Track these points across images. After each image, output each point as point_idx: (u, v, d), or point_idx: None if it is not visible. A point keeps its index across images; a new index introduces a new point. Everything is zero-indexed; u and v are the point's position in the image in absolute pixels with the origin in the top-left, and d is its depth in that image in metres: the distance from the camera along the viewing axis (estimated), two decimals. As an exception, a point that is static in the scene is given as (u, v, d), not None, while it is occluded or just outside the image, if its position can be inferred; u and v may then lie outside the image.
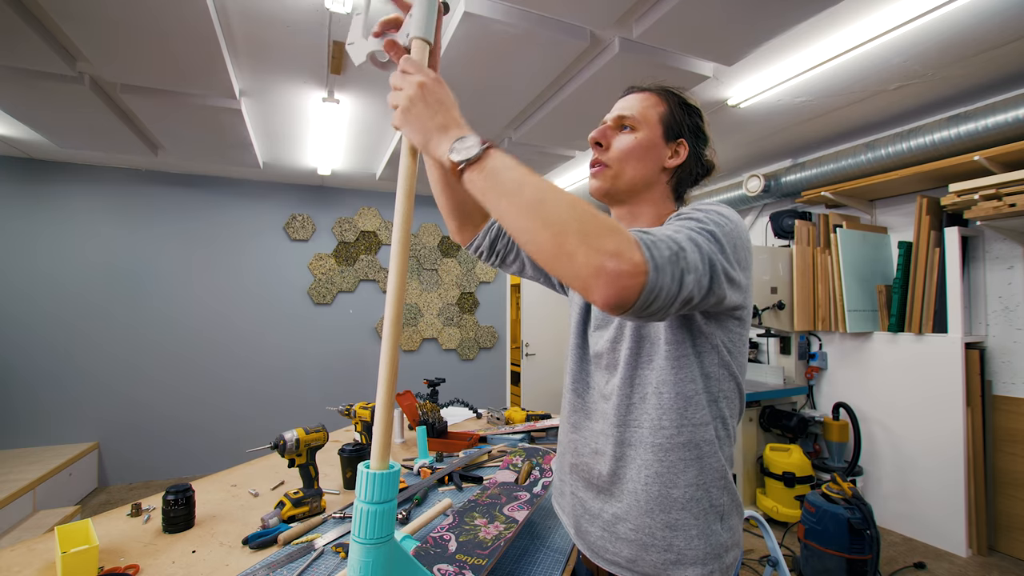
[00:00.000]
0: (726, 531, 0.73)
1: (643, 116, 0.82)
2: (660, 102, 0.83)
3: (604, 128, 0.83)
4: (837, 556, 2.12)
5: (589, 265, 0.50)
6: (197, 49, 1.98)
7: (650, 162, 0.81)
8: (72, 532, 0.95)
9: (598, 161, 0.83)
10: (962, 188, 2.43)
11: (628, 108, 0.83)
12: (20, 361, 3.61)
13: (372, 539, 0.53)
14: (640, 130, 0.81)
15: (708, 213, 0.66)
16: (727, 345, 0.73)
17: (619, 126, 0.83)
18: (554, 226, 0.52)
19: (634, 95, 0.85)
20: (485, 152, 0.57)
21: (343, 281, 4.57)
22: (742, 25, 1.82)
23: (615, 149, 0.81)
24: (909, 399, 2.88)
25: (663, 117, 0.82)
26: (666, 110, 0.83)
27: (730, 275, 0.63)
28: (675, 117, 0.83)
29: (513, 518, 1.04)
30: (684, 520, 0.71)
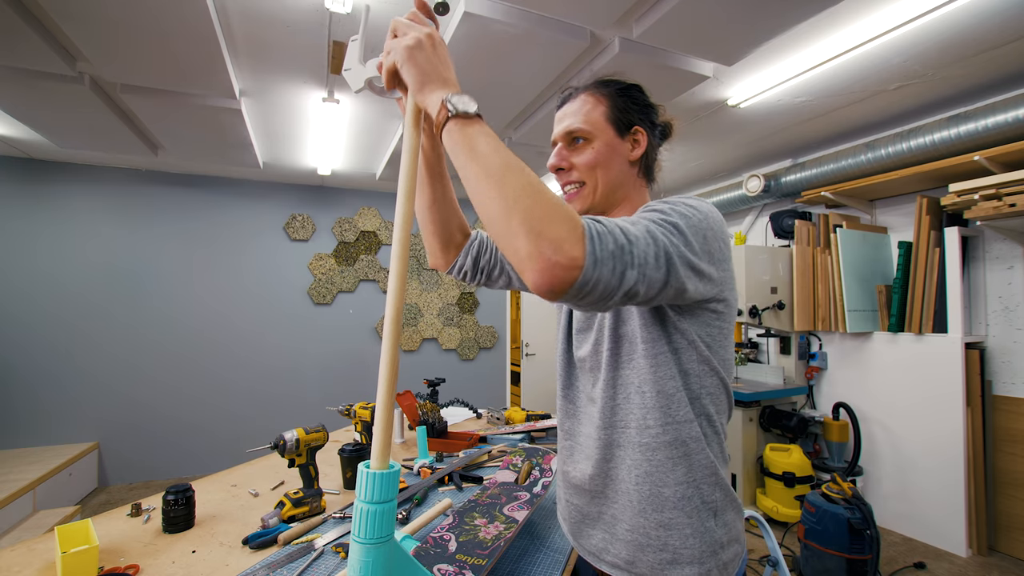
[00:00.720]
0: (721, 527, 0.73)
1: (590, 123, 0.79)
2: (599, 100, 0.80)
3: (559, 151, 0.81)
4: (837, 556, 2.12)
5: (527, 248, 0.51)
6: (197, 49, 1.98)
7: (616, 164, 0.79)
8: (72, 532, 0.95)
9: (569, 181, 0.81)
10: (962, 188, 2.43)
11: (572, 119, 0.80)
12: (20, 361, 3.61)
13: (372, 539, 0.53)
14: (594, 138, 0.79)
15: (675, 205, 0.65)
16: (705, 340, 0.72)
17: (571, 141, 0.80)
18: (508, 199, 0.52)
19: (569, 104, 0.82)
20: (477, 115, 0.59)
21: (343, 281, 4.57)
22: (742, 25, 1.82)
23: (579, 164, 0.79)
24: (909, 399, 2.88)
25: (608, 115, 0.79)
26: (608, 106, 0.80)
27: (695, 266, 0.62)
28: (620, 108, 0.80)
29: (513, 518, 1.04)
30: (677, 519, 0.71)
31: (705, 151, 3.57)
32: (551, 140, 0.83)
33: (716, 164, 3.86)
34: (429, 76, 0.62)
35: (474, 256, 0.92)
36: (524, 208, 0.52)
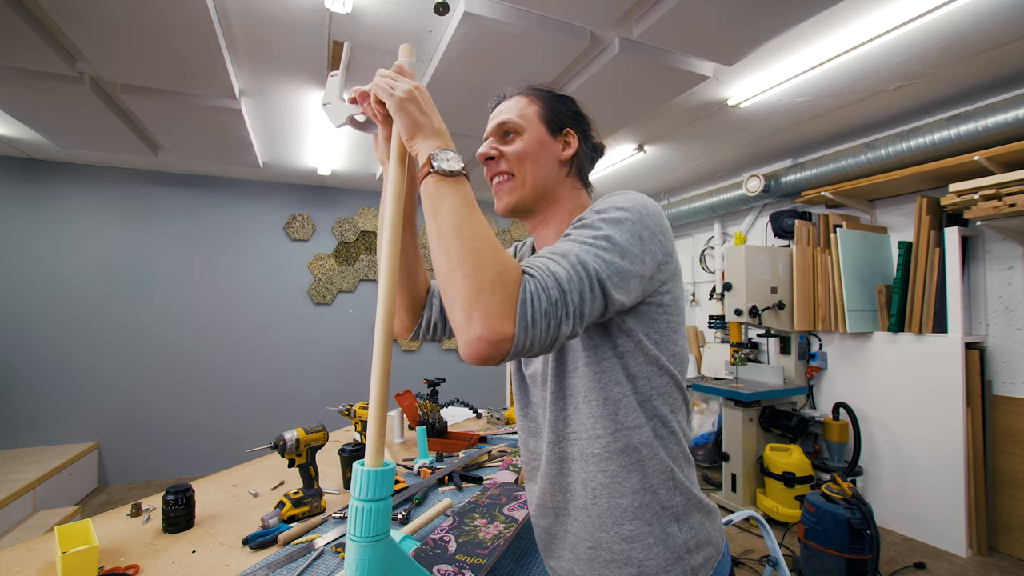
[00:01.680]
0: (685, 531, 0.69)
1: (523, 118, 0.79)
2: (532, 101, 0.81)
3: (489, 143, 0.80)
4: (837, 556, 2.12)
5: (459, 318, 0.53)
6: (197, 49, 1.98)
7: (546, 161, 0.78)
8: (72, 532, 0.95)
9: (498, 172, 0.79)
10: (962, 188, 2.43)
11: (505, 114, 0.80)
12: (20, 361, 3.61)
13: (367, 537, 0.53)
14: (525, 131, 0.78)
15: (605, 212, 0.64)
16: (652, 337, 0.69)
17: (503, 134, 0.80)
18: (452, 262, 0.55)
19: (505, 102, 0.83)
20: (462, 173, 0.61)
21: (343, 281, 4.57)
22: (742, 25, 1.82)
23: (509, 154, 0.78)
24: (909, 399, 2.88)
25: (540, 114, 0.80)
26: (541, 106, 0.80)
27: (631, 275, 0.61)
28: (552, 111, 0.80)
29: (513, 518, 1.04)
30: (638, 529, 0.68)
31: (705, 151, 3.57)
32: (483, 137, 0.84)
33: (716, 164, 3.86)
34: (421, 125, 0.65)
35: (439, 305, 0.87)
36: (463, 274, 0.53)
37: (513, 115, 0.79)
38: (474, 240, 0.55)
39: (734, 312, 3.25)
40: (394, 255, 0.62)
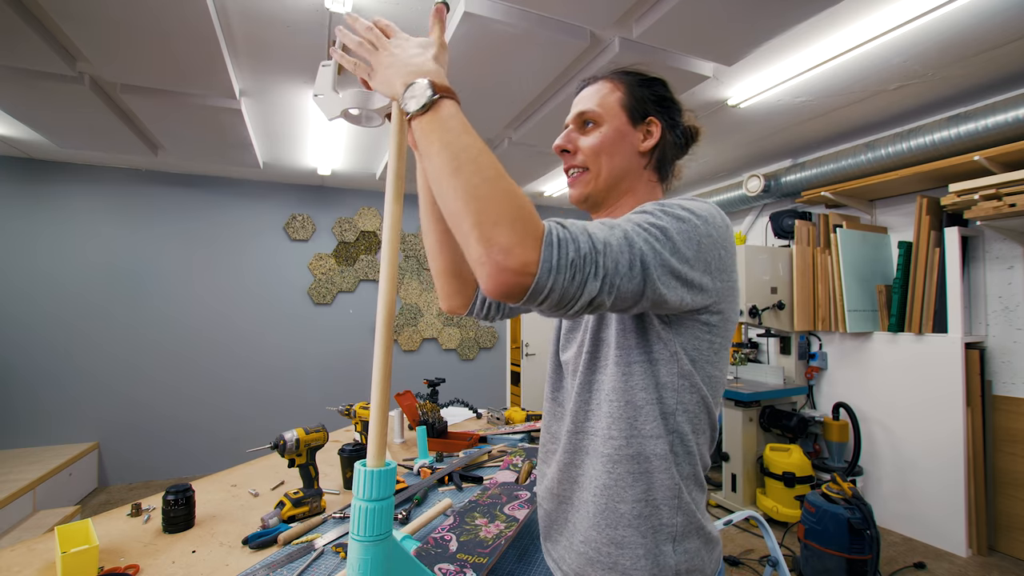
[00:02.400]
0: (680, 554, 0.67)
1: (603, 107, 0.76)
2: (616, 87, 0.78)
3: (567, 133, 0.79)
4: (837, 556, 2.12)
5: (478, 250, 0.49)
6: (197, 49, 1.98)
7: (623, 152, 0.76)
8: (72, 532, 0.95)
9: (573, 165, 0.78)
10: (962, 188, 2.43)
11: (586, 102, 0.78)
12: (20, 361, 3.61)
13: (370, 536, 0.54)
14: (604, 122, 0.76)
15: (669, 207, 0.60)
16: (690, 354, 0.66)
17: (582, 124, 0.78)
18: (461, 198, 0.50)
19: (588, 88, 0.80)
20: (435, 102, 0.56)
21: (343, 281, 4.57)
22: (742, 25, 1.82)
23: (585, 148, 0.76)
24: (909, 399, 2.88)
25: (623, 102, 0.77)
26: (624, 93, 0.77)
27: (680, 274, 0.58)
28: (635, 97, 0.77)
29: (514, 517, 1.04)
30: (630, 538, 0.66)
31: (705, 151, 3.56)
32: (564, 124, 0.81)
33: (716, 164, 3.86)
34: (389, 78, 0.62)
35: None
36: (477, 209, 0.49)
37: (593, 104, 0.77)
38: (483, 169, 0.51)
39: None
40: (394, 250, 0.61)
